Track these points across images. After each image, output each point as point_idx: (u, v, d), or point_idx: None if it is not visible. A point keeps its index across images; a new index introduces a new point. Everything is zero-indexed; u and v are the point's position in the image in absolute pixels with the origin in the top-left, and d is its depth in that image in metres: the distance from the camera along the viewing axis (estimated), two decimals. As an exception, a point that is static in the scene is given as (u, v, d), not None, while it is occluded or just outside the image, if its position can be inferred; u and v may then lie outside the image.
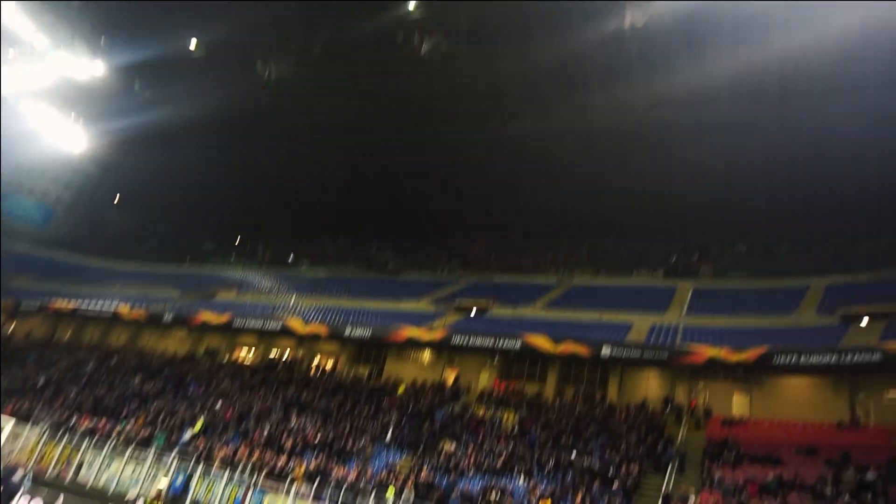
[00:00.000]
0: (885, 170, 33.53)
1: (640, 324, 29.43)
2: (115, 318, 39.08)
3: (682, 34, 32.53)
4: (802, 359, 21.94)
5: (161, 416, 26.95)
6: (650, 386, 27.45)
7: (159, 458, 22.30)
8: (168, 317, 36.84)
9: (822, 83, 33.93)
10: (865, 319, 25.39)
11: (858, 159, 34.56)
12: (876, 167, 34.00)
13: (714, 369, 25.21)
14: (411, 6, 34.48)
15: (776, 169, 38.28)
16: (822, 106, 34.55)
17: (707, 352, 23.63)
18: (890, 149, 32.74)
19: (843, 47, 30.68)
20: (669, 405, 25.43)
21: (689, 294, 34.23)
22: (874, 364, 20.66)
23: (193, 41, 41.60)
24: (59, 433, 24.48)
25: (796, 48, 31.13)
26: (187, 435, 24.65)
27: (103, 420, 26.62)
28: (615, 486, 18.77)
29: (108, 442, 23.60)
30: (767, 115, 36.30)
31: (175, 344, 39.58)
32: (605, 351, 25.40)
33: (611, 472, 19.61)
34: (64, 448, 23.69)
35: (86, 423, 26.12)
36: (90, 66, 45.34)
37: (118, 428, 25.53)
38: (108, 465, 22.78)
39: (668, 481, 19.09)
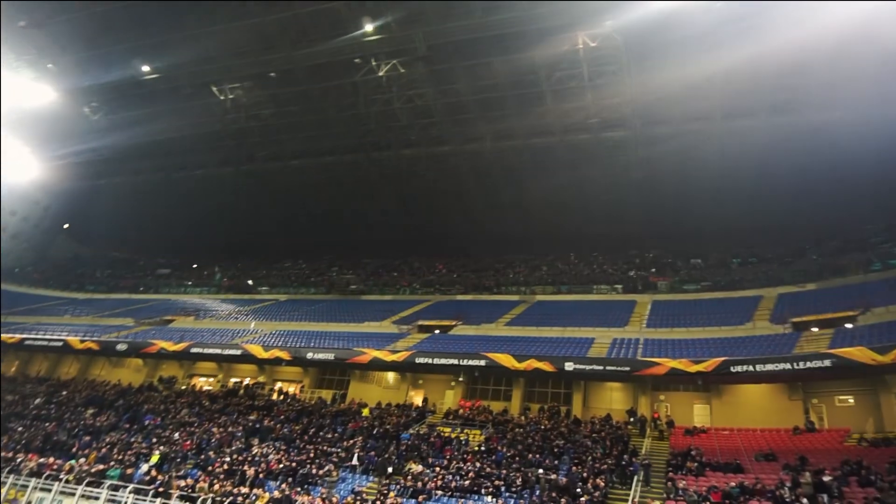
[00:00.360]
0: (826, 185, 35.11)
1: (602, 338, 29.84)
2: (65, 348, 37.34)
3: (634, 54, 33.63)
4: (758, 367, 22.53)
5: (115, 451, 25.79)
6: (614, 399, 27.85)
7: (113, 495, 21.29)
8: (122, 346, 35.53)
9: (765, 102, 35.57)
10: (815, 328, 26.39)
11: (802, 175, 36.02)
12: (817, 183, 35.54)
13: (675, 380, 25.70)
14: (369, 28, 34.71)
15: (727, 186, 39.66)
16: (766, 125, 36.20)
17: (667, 363, 24.06)
18: (830, 165, 34.29)
19: (786, 67, 32.23)
20: (633, 417, 25.80)
21: (649, 308, 34.98)
22: (825, 369, 21.37)
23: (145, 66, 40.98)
24: (4, 473, 23.12)
25: (739, 67, 32.51)
26: (143, 469, 23.64)
27: (52, 457, 25.31)
28: (583, 500, 18.77)
29: (58, 480, 22.42)
30: (715, 133, 37.70)
31: (129, 374, 38.04)
32: (569, 366, 25.61)
33: (578, 487, 19.63)
34: (9, 489, 22.37)
35: (33, 461, 24.77)
36: (38, 92, 44.05)
37: (69, 465, 24.30)
38: (58, 505, 21.64)
39: (633, 493, 19.25)
